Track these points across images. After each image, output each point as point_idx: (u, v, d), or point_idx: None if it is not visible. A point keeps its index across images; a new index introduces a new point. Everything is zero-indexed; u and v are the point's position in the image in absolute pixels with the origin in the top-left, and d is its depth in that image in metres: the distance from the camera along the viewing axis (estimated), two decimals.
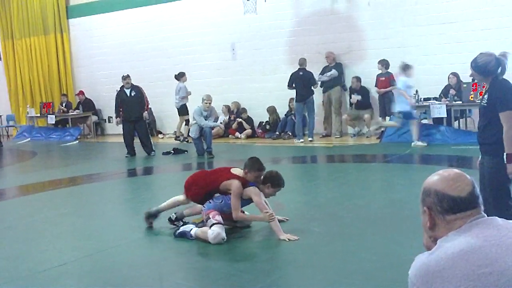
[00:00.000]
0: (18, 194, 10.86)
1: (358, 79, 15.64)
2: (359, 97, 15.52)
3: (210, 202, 6.64)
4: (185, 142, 16.77)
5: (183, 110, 17.23)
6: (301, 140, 15.27)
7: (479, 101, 5.44)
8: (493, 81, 5.10)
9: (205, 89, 16.08)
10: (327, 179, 10.17)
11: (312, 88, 15.38)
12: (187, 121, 17.11)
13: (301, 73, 15.29)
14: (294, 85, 15.37)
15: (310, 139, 15.25)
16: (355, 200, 8.17)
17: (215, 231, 6.21)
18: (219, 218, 6.37)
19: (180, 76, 17.17)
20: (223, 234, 6.23)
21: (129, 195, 10.21)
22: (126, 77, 14.90)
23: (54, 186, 11.08)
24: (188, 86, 17.10)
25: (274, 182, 6.68)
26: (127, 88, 14.82)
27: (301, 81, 15.24)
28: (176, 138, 17.33)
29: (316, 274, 5.23)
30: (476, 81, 6.83)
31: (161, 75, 18.71)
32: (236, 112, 17.70)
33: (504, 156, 5.04)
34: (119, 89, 15.11)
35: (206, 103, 13.48)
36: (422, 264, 2.15)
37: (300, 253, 5.87)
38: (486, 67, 5.05)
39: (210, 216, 6.39)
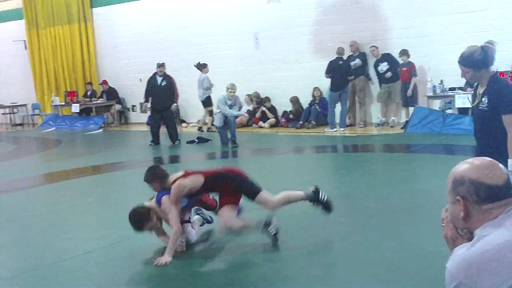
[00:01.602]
0: (44, 182, 10.98)
1: (375, 47, 15.41)
2: (387, 70, 15.25)
3: None
4: (209, 132, 16.82)
5: (207, 102, 17.26)
6: (335, 129, 15.16)
7: (472, 104, 4.97)
8: (492, 81, 4.72)
9: (228, 78, 16.05)
10: (351, 169, 10.14)
11: (349, 78, 15.24)
12: (211, 112, 17.18)
13: (340, 62, 15.13)
14: (331, 74, 15.17)
15: (342, 129, 15.12)
16: (380, 190, 8.14)
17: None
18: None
19: (202, 67, 17.16)
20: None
21: None
22: (160, 65, 14.89)
23: (79, 174, 11.17)
24: (211, 75, 17.11)
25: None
26: (160, 76, 14.82)
27: (339, 71, 15.05)
28: (199, 129, 17.37)
29: (339, 264, 5.23)
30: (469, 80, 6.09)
31: (184, 64, 18.69)
32: (260, 102, 17.69)
33: (509, 162, 4.61)
34: (152, 75, 15.12)
35: (231, 92, 13.48)
36: (464, 257, 2.09)
37: (324, 243, 5.87)
38: (471, 58, 4.67)
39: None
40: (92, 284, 5.22)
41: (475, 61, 4.66)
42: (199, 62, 17.23)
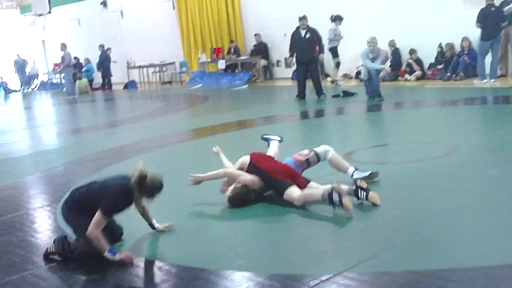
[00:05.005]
0: (193, 137, 11.36)
1: None
2: None
3: None
4: (335, 85, 16.94)
5: (333, 52, 17.40)
6: (485, 81, 14.50)
7: None
8: None
9: (372, 30, 15.68)
10: (503, 121, 9.71)
11: (502, 25, 14.45)
12: (338, 64, 17.57)
13: (492, 8, 14.29)
14: (482, 23, 14.35)
15: (492, 80, 14.44)
16: None
17: None
18: None
19: (336, 19, 17.30)
20: None
21: (300, 136, 10.29)
22: (302, 18, 14.91)
23: (226, 129, 11.46)
24: (354, 27, 16.95)
25: None
26: (303, 29, 14.85)
27: (491, 18, 14.23)
28: (332, 82, 17.40)
29: (492, 218, 5.06)
30: None
31: (327, 18, 18.45)
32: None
33: None
34: (295, 29, 15.17)
35: (370, 45, 13.23)
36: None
37: (475, 197, 5.71)
38: None
39: None
40: (247, 232, 5.41)
41: None
42: (336, 15, 17.43)
